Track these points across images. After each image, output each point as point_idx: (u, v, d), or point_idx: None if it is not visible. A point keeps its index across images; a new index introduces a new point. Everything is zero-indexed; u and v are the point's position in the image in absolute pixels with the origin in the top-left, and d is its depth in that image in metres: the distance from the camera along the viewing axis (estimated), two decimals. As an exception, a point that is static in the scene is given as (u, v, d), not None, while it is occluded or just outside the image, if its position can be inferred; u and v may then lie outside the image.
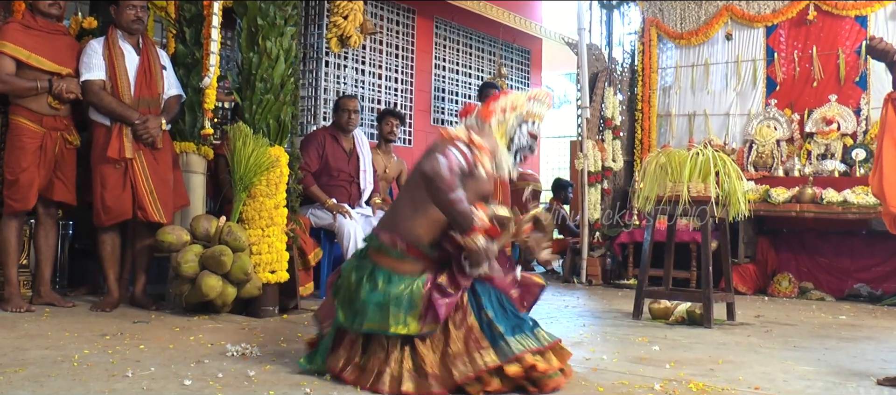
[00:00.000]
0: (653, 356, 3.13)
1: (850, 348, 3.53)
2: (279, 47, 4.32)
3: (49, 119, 4.09)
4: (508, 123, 2.70)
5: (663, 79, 7.54)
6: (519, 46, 9.47)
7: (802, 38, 6.74)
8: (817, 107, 6.54)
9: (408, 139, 7.90)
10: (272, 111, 4.28)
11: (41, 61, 4.05)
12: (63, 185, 4.17)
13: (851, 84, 6.51)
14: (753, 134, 6.76)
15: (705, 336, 3.74)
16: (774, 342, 3.64)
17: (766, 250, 6.49)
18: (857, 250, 6.28)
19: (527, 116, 2.73)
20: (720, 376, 2.71)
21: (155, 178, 4.18)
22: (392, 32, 7.75)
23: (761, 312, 4.94)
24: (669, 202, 4.16)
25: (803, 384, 2.61)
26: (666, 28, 7.42)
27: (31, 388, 2.27)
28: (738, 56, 7.06)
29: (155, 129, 4.15)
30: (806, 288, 6.20)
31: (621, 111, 7.44)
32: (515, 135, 2.71)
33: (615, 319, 4.38)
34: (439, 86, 8.34)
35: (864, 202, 5.72)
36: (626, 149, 7.49)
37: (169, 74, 4.38)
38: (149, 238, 4.26)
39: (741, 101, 7.04)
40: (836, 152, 6.34)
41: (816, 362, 3.09)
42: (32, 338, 3.14)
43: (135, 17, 4.19)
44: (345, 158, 5.50)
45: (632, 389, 2.43)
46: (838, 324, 4.45)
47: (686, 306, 4.21)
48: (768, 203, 6.08)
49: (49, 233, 4.20)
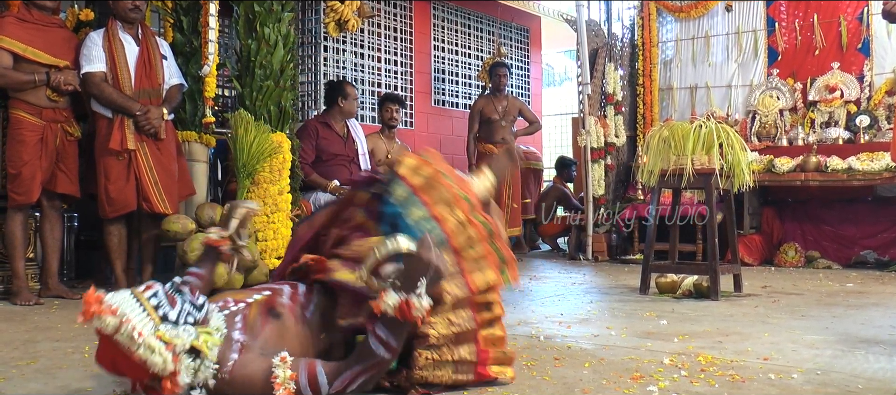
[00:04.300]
0: (661, 330, 3.13)
1: (858, 315, 3.53)
2: (277, 33, 4.31)
3: (48, 112, 4.08)
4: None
5: (664, 52, 7.50)
6: (517, 25, 9.42)
7: (803, 7, 6.69)
8: (820, 75, 6.51)
9: (409, 121, 7.88)
10: (272, 97, 4.27)
11: (38, 54, 4.04)
12: (66, 177, 4.17)
13: (854, 51, 6.48)
14: (756, 105, 6.73)
15: (713, 309, 3.74)
16: (782, 312, 3.64)
17: (772, 221, 6.49)
18: (862, 217, 6.27)
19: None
20: (729, 348, 2.71)
21: (159, 168, 4.18)
22: (390, 15, 7.71)
23: (768, 282, 4.94)
24: (673, 176, 4.14)
25: (812, 353, 2.61)
26: (665, 2, 7.37)
27: (44, 380, 2.28)
28: (739, 27, 7.02)
29: (156, 119, 4.14)
30: (812, 257, 6.19)
31: (622, 86, 7.41)
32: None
33: (622, 294, 4.38)
34: (439, 67, 8.31)
35: (869, 169, 5.70)
36: (629, 124, 7.46)
37: (170, 63, 4.36)
38: (154, 228, 4.26)
39: (743, 72, 7.01)
40: (839, 120, 6.32)
41: (824, 330, 3.09)
42: (42, 331, 3.15)
43: (132, 6, 4.17)
44: (340, 142, 5.51)
45: (641, 364, 2.43)
46: (845, 292, 4.45)
47: (693, 280, 4.21)
48: (773, 173, 6.06)
49: (54, 226, 4.21)
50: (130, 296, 1.70)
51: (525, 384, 2.17)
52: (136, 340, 1.64)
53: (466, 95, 8.59)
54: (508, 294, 4.37)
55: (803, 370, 2.33)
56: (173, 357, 1.70)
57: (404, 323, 1.84)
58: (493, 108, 6.92)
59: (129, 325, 1.64)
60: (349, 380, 1.84)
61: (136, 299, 1.70)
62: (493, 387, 2.14)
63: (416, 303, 1.81)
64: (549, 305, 3.97)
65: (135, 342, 1.64)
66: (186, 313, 1.77)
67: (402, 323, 1.84)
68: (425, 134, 8.09)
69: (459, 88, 8.58)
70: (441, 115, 8.32)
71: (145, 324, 1.67)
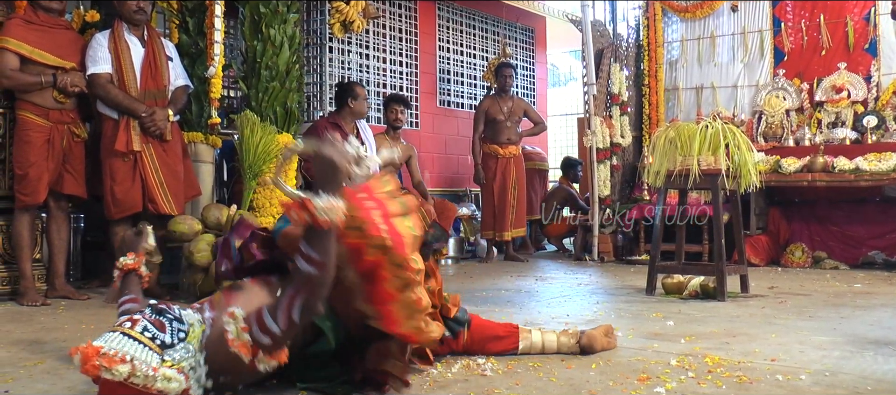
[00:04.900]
0: (667, 331, 3.12)
1: (866, 316, 3.51)
2: (283, 34, 4.31)
3: (55, 113, 4.09)
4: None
5: (669, 53, 7.48)
6: (522, 25, 9.41)
7: (809, 7, 6.67)
8: (826, 75, 6.48)
9: (415, 122, 7.88)
10: (278, 99, 4.28)
11: (44, 56, 4.05)
12: (72, 178, 4.18)
13: (861, 51, 6.45)
14: (762, 105, 6.71)
15: (719, 310, 3.73)
16: (789, 312, 3.63)
17: (778, 221, 6.46)
18: (870, 217, 6.24)
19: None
20: (736, 349, 2.70)
21: (165, 170, 4.18)
22: (395, 16, 7.71)
23: (775, 283, 4.92)
24: (680, 176, 4.13)
25: (820, 354, 2.59)
26: (670, 2, 7.35)
27: (51, 381, 2.29)
28: (744, 27, 6.99)
29: (162, 121, 4.15)
30: (819, 258, 6.17)
31: (628, 87, 7.39)
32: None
33: (628, 295, 4.37)
34: (444, 68, 8.31)
35: (876, 169, 5.67)
36: (634, 124, 7.45)
37: (175, 64, 4.37)
38: (161, 229, 4.26)
39: (749, 72, 6.99)
40: (846, 120, 6.29)
41: (832, 331, 3.07)
42: (49, 331, 3.16)
43: (136, 7, 4.18)
44: (348, 144, 5.52)
45: (648, 365, 2.42)
46: (853, 293, 4.43)
47: (699, 280, 4.19)
48: (779, 174, 6.04)
49: (61, 227, 4.22)
50: (124, 337, 1.74)
51: (532, 386, 2.16)
52: (153, 375, 1.70)
53: (472, 96, 8.59)
54: (515, 295, 4.37)
55: (811, 371, 2.32)
56: (185, 377, 1.77)
57: (322, 232, 1.80)
58: (498, 108, 6.92)
59: (142, 366, 1.69)
60: (288, 306, 1.83)
61: (132, 339, 1.74)
62: (500, 388, 2.14)
63: (315, 201, 1.78)
64: (556, 306, 3.96)
65: (152, 378, 1.70)
66: (176, 330, 1.83)
67: (321, 234, 1.80)
68: (430, 135, 8.09)
69: (465, 88, 8.57)
70: (446, 115, 8.31)
71: (153, 358, 1.73)
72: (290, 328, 1.83)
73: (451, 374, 2.30)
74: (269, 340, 1.81)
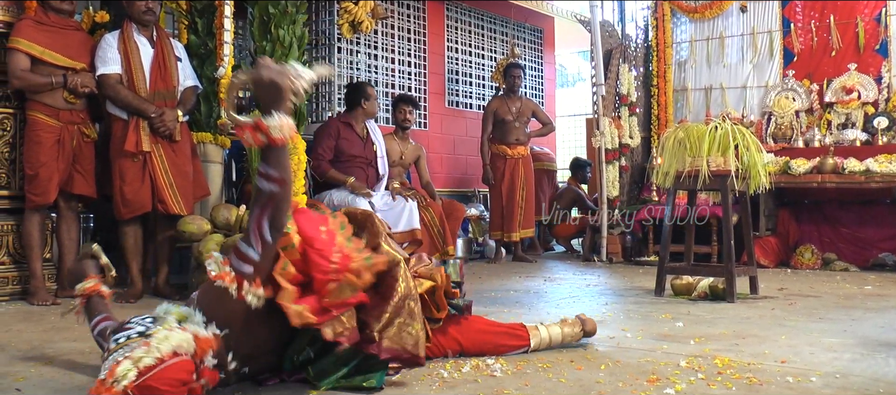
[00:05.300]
0: (677, 332, 3.11)
1: (876, 318, 3.49)
2: (291, 35, 4.32)
3: (65, 113, 4.11)
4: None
5: (678, 53, 7.46)
6: (531, 26, 9.40)
7: (819, 8, 6.64)
8: (836, 76, 6.45)
9: (423, 122, 7.88)
10: (287, 99, 4.28)
11: (55, 57, 4.07)
12: (82, 178, 4.20)
13: (871, 52, 6.41)
14: (772, 106, 6.68)
15: (729, 311, 3.71)
16: (799, 314, 3.61)
17: (788, 222, 6.43)
18: (881, 219, 6.20)
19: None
20: (745, 350, 2.68)
21: (174, 170, 4.20)
22: (403, 16, 7.72)
23: (784, 284, 4.90)
24: (689, 177, 4.12)
25: (830, 357, 2.58)
26: (679, 2, 7.33)
27: (61, 380, 2.30)
28: (754, 28, 6.97)
29: (171, 121, 4.17)
30: (829, 259, 6.13)
31: (637, 87, 7.37)
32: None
33: (637, 296, 4.36)
34: (453, 68, 8.31)
35: (887, 170, 5.64)
36: (643, 125, 7.43)
37: (184, 65, 4.38)
38: (170, 229, 4.29)
39: (758, 73, 6.96)
40: (857, 121, 6.26)
41: (843, 333, 3.06)
42: (59, 331, 3.17)
43: (145, 8, 4.19)
44: (360, 144, 5.53)
45: (657, 366, 2.42)
46: (864, 294, 4.40)
47: (708, 281, 4.18)
48: (789, 175, 6.01)
49: (71, 226, 4.24)
50: (110, 356, 1.80)
51: (541, 387, 2.16)
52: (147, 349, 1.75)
53: (480, 96, 8.58)
54: (524, 296, 4.36)
55: (822, 373, 2.31)
56: (181, 329, 1.86)
57: (277, 150, 1.87)
58: (506, 109, 6.91)
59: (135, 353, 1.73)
60: (257, 227, 1.89)
61: (115, 352, 1.80)
62: (509, 388, 2.13)
63: (267, 121, 1.85)
64: (564, 307, 3.96)
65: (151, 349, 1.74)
66: (144, 320, 1.93)
67: (277, 151, 1.87)
68: (439, 135, 8.09)
69: (473, 88, 8.57)
70: (455, 116, 8.31)
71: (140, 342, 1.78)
72: (266, 250, 1.89)
73: (460, 374, 2.30)
74: (250, 267, 1.89)
